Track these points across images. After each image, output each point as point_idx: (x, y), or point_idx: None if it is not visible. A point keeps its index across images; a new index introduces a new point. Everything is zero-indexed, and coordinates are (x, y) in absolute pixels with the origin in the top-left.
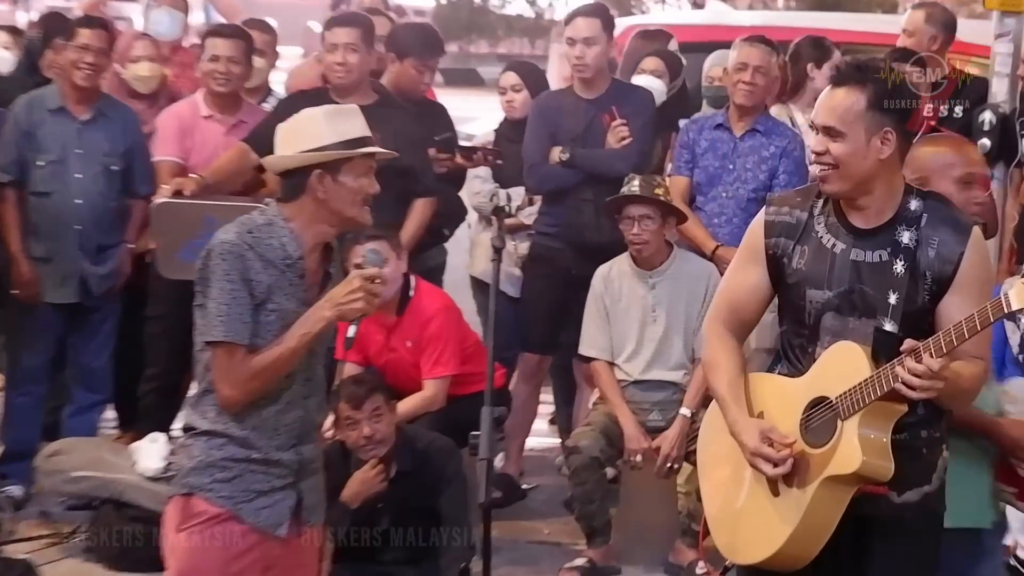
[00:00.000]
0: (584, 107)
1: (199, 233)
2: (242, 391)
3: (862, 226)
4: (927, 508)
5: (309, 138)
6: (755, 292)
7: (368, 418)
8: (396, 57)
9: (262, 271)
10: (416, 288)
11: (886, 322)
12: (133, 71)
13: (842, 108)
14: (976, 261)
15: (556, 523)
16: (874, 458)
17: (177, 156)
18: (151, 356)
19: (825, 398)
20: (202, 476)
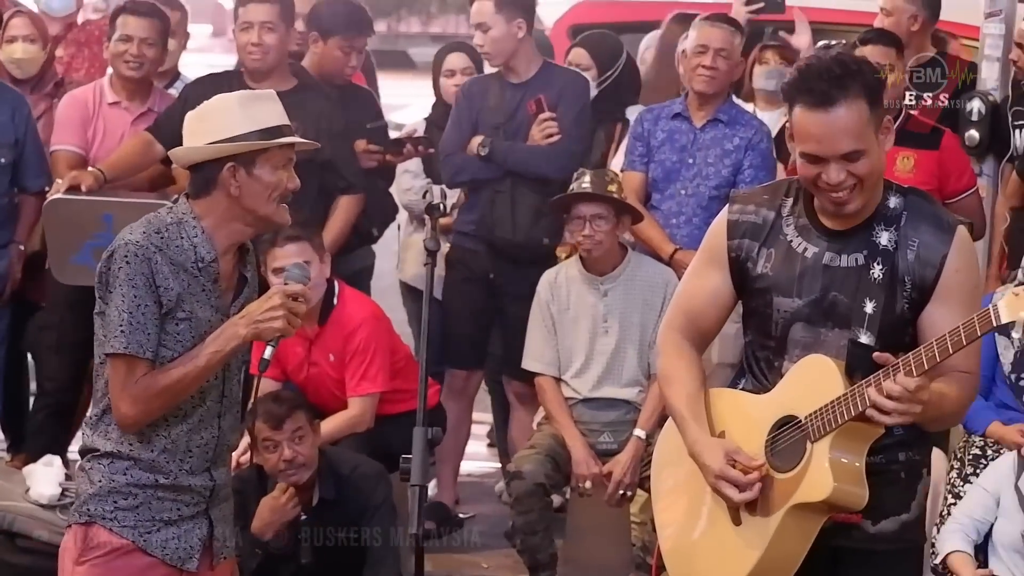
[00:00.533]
0: (510, 92)
1: (96, 233)
2: (142, 409)
3: (836, 227)
4: (905, 538)
5: (220, 127)
6: (715, 299)
7: (289, 439)
8: (319, 37)
9: (171, 276)
10: (340, 295)
11: (861, 333)
12: (8, 53)
13: (853, 127)
14: (961, 265)
15: (496, 556)
16: (846, 485)
17: (77, 146)
18: (43, 370)
19: (793, 417)
20: (104, 503)
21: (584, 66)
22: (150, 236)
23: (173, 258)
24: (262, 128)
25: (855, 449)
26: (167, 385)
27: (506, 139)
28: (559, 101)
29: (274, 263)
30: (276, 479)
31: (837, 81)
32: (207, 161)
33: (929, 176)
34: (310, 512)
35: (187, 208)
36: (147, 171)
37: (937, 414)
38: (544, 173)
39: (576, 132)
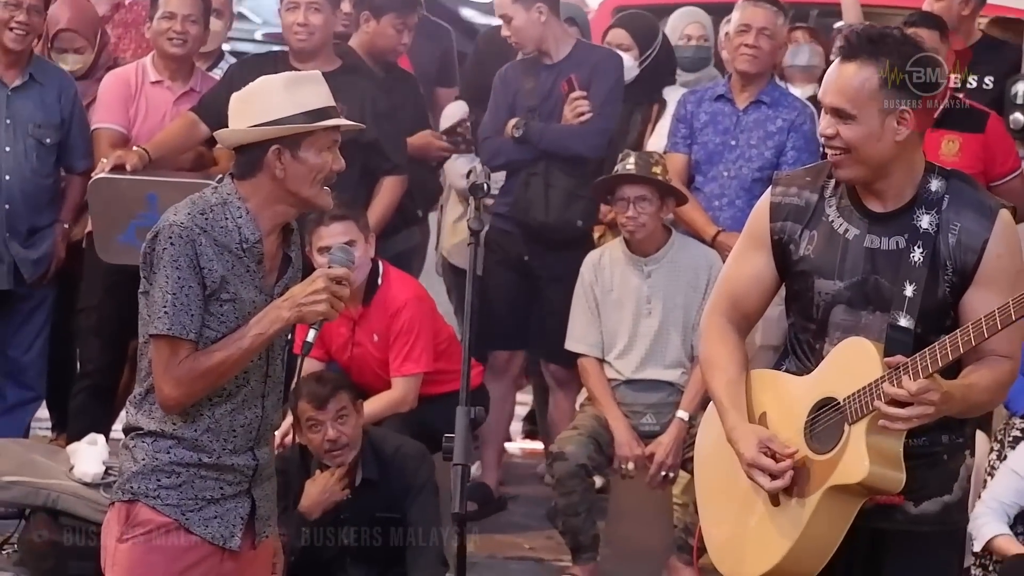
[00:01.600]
0: (544, 74)
1: (141, 213)
2: (185, 391)
3: (878, 210)
4: (947, 520)
5: (266, 109)
6: (758, 282)
7: (333, 420)
8: (371, 16)
9: (215, 257)
10: (384, 276)
11: (901, 317)
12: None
13: (853, 87)
14: (1003, 250)
15: (538, 537)
16: (883, 468)
17: (119, 124)
18: (83, 351)
19: (832, 399)
20: (147, 481)
21: (625, 46)
22: (195, 217)
23: (218, 239)
24: (307, 110)
25: (894, 432)
26: (210, 367)
27: (541, 121)
28: (591, 79)
29: (319, 242)
30: (320, 459)
31: (865, 44)
32: (252, 143)
33: (974, 159)
34: (353, 492)
35: (232, 188)
36: (191, 151)
37: (964, 406)
38: (577, 152)
39: (608, 110)
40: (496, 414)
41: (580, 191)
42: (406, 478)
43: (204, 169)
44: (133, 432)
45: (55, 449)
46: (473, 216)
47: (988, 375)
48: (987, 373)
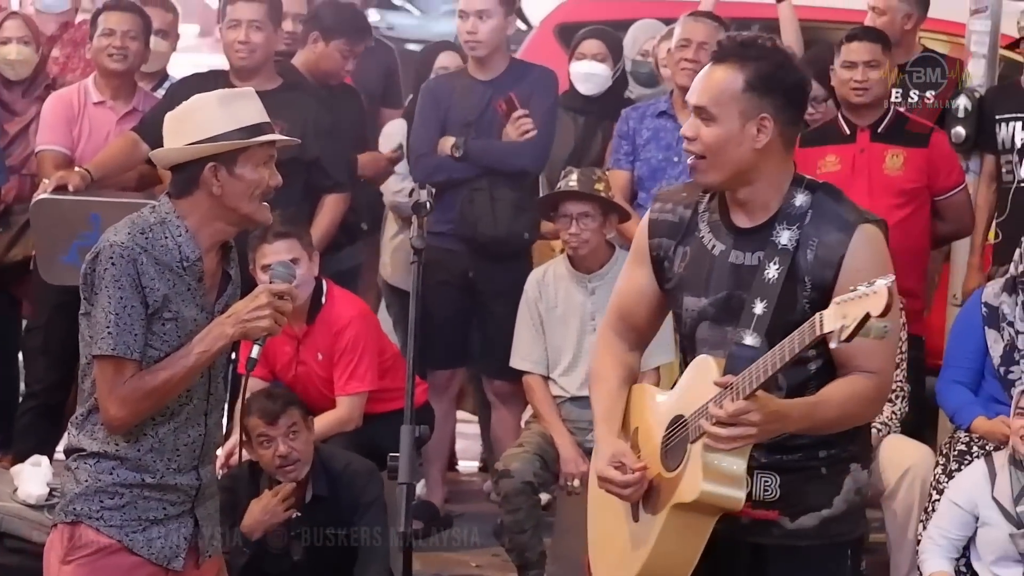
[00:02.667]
0: (479, 90)
1: (84, 233)
2: (130, 411)
3: (743, 225)
4: (827, 534)
5: (200, 127)
6: (642, 297)
7: (284, 435)
8: (320, 37)
9: (157, 276)
10: (328, 294)
11: (747, 335)
12: (1, 54)
13: (717, 88)
14: (862, 265)
15: (484, 555)
16: (719, 486)
17: (63, 146)
18: (29, 371)
19: (681, 416)
20: (90, 502)
21: (600, 56)
22: (135, 237)
23: (158, 258)
24: (242, 126)
25: (735, 450)
26: (155, 386)
27: (477, 136)
28: (530, 97)
29: (263, 260)
30: (271, 475)
31: (734, 49)
32: (188, 161)
33: (918, 173)
34: (302, 508)
35: (170, 208)
36: (134, 170)
37: (809, 423)
38: (524, 167)
39: (550, 125)
40: (439, 432)
41: (525, 203)
42: (356, 495)
43: (148, 188)
44: (75, 453)
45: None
46: (416, 235)
47: (844, 391)
48: (843, 388)
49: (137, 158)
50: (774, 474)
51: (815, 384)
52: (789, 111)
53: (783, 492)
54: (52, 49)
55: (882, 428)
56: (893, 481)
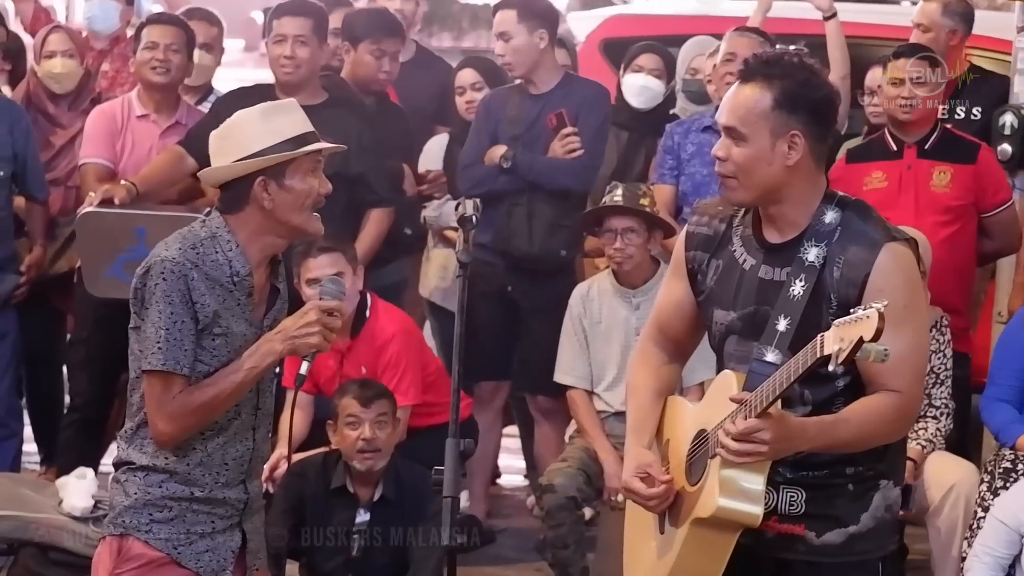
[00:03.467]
0: (530, 104)
1: (129, 247)
2: (179, 426)
3: (774, 240)
4: (852, 551)
5: (245, 143)
6: (679, 309)
7: (373, 421)
8: (350, 45)
9: (207, 292)
10: (372, 308)
11: (768, 351)
12: (46, 68)
13: (744, 107)
14: (886, 285)
15: (527, 570)
16: (736, 502)
17: (106, 159)
18: (73, 385)
19: (704, 431)
20: (139, 516)
21: (657, 72)
22: (186, 252)
23: (209, 273)
24: (287, 138)
25: (754, 466)
26: (204, 402)
27: (524, 149)
28: (579, 114)
29: (308, 274)
30: (348, 460)
31: (761, 67)
32: (237, 178)
33: (965, 190)
34: (370, 507)
35: (220, 222)
36: (177, 184)
37: (826, 442)
38: (567, 186)
39: (598, 146)
40: (483, 446)
41: (563, 221)
42: (420, 505)
43: (192, 202)
44: (125, 466)
45: (44, 483)
46: (462, 248)
47: (865, 410)
48: (864, 407)
49: (182, 172)
50: (800, 489)
51: (842, 401)
52: (818, 127)
53: (809, 507)
54: (103, 63)
55: (927, 445)
56: (938, 498)
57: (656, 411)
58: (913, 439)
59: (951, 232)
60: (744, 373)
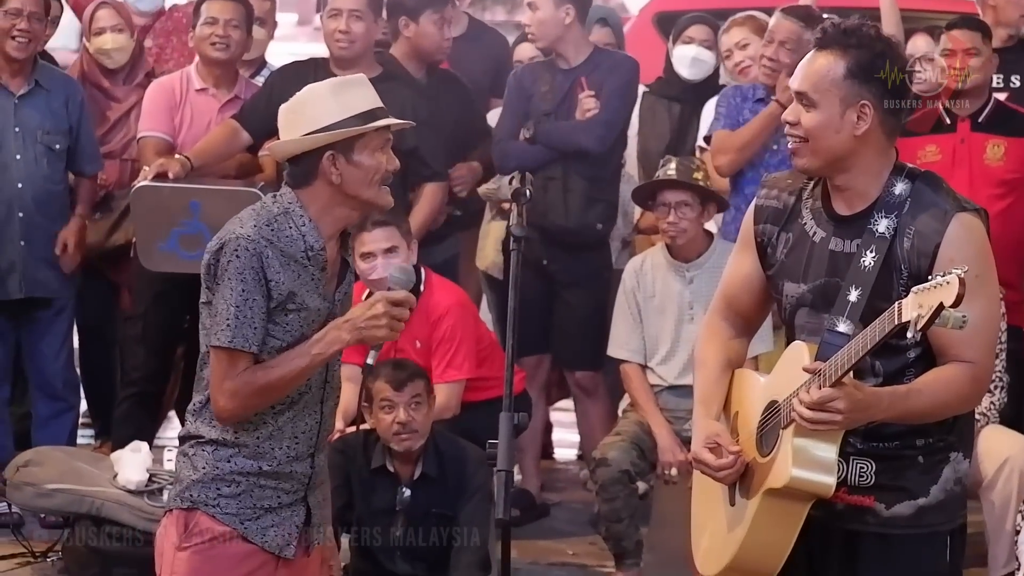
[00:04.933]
0: (560, 78)
1: (184, 221)
2: (240, 404)
3: (844, 212)
4: (922, 523)
5: (315, 117)
6: (748, 283)
7: (407, 403)
8: (408, 19)
9: (281, 269)
10: (427, 282)
11: (840, 322)
12: (97, 44)
13: (818, 74)
14: (957, 255)
15: (581, 543)
16: (809, 472)
17: (165, 132)
18: (128, 360)
19: (775, 402)
20: (207, 490)
21: (708, 43)
22: (260, 229)
23: (284, 249)
24: (356, 113)
25: (827, 436)
26: (268, 383)
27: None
28: (603, 80)
29: (362, 248)
30: (386, 442)
31: (839, 35)
32: (305, 152)
33: (1020, 163)
34: (411, 486)
35: (292, 197)
36: (234, 159)
37: (899, 412)
38: (582, 145)
39: (614, 104)
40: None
41: (598, 194)
42: (463, 479)
43: (248, 176)
44: (192, 440)
45: (99, 457)
46: (516, 222)
47: (937, 380)
48: (937, 378)
49: (237, 146)
50: (870, 460)
51: (914, 372)
52: (890, 99)
53: (879, 479)
54: (145, 39)
55: (980, 419)
56: (991, 472)
57: (724, 384)
58: None
59: (1005, 205)
60: (816, 344)
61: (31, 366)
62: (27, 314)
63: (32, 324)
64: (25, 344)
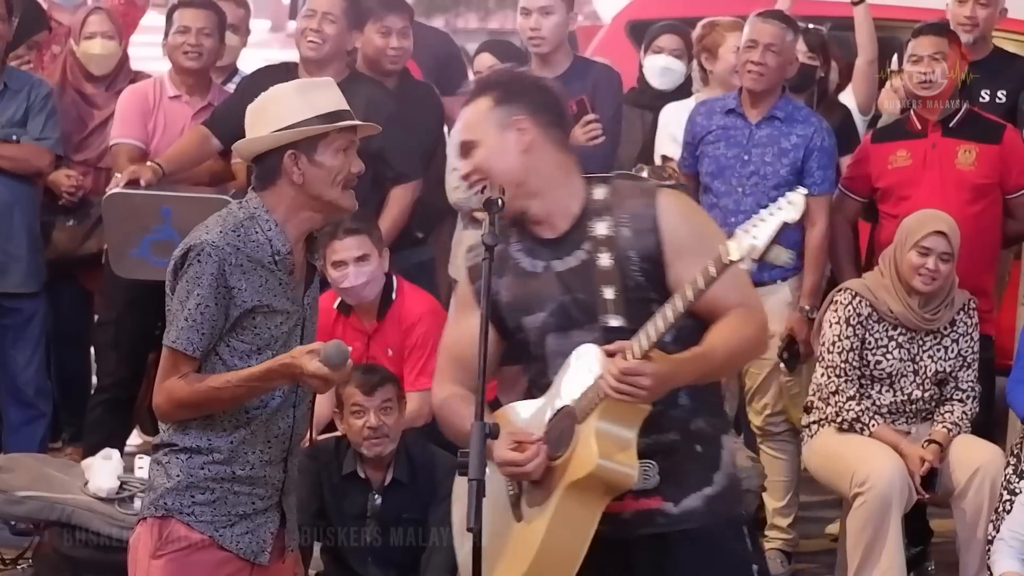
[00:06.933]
0: None
1: (155, 227)
2: (174, 408)
3: (552, 235)
4: (716, 511)
5: (278, 116)
6: (478, 339)
7: (377, 408)
8: (356, 28)
9: (244, 276)
10: (399, 290)
11: (610, 318)
12: (85, 48)
13: (471, 120)
14: (676, 222)
15: None
16: (613, 459)
17: (138, 139)
18: (101, 365)
19: (563, 407)
20: (181, 498)
21: (678, 52)
22: (226, 235)
23: (250, 255)
24: (320, 114)
25: (624, 423)
26: (201, 397)
27: None
28: (595, 98)
29: (333, 256)
30: (357, 447)
31: (479, 86)
32: (269, 151)
33: (991, 170)
34: (382, 491)
35: (258, 202)
36: (207, 166)
37: (704, 370)
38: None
39: (616, 129)
40: None
41: None
42: (434, 485)
43: (221, 184)
44: (167, 448)
45: (70, 464)
46: (487, 231)
47: (725, 331)
48: (724, 329)
49: (208, 152)
50: (652, 461)
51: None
52: (543, 112)
53: (663, 477)
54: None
55: (952, 428)
56: (963, 481)
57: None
58: (939, 422)
59: (977, 211)
60: (597, 345)
61: (2, 372)
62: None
63: (4, 330)
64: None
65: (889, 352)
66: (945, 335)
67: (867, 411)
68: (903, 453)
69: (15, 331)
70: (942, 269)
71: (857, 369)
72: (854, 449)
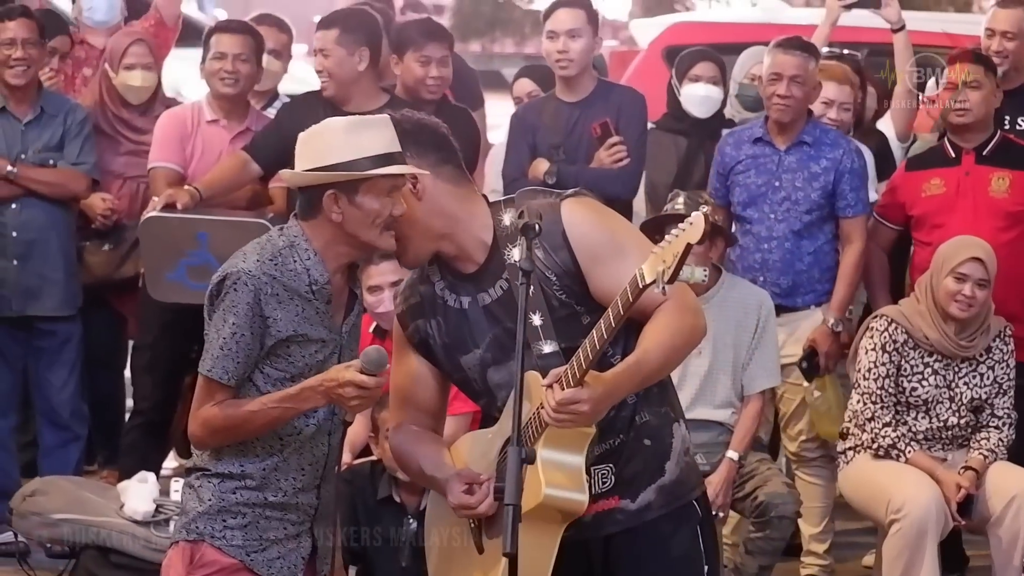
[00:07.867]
0: (567, 112)
1: (191, 251)
2: (209, 435)
3: (471, 270)
4: (673, 499)
5: (323, 153)
6: (420, 377)
7: None
8: (397, 57)
9: (280, 306)
10: None
11: (543, 344)
12: (124, 79)
13: None
14: (586, 228)
15: None
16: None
17: (176, 163)
18: (137, 389)
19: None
20: (213, 522)
21: (715, 79)
22: (263, 264)
23: (287, 284)
24: (368, 155)
25: (570, 449)
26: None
27: (566, 158)
28: (620, 121)
29: (369, 281)
30: (392, 472)
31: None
32: (311, 185)
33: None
34: (417, 516)
35: (298, 230)
36: (245, 190)
37: (643, 377)
38: (617, 194)
39: (640, 152)
40: None
41: None
42: None
43: (259, 208)
44: (199, 472)
45: (105, 487)
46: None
47: (656, 332)
48: (654, 330)
49: (247, 177)
50: (608, 465)
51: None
52: (429, 155)
53: (616, 477)
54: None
55: (989, 455)
56: (999, 508)
57: (441, 449)
58: (975, 448)
59: (1010, 238)
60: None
61: (38, 395)
62: (35, 342)
63: (40, 353)
64: (33, 373)
65: (925, 379)
66: (981, 362)
67: (903, 438)
68: (939, 480)
69: (50, 354)
70: (978, 295)
71: (893, 396)
72: (890, 476)
